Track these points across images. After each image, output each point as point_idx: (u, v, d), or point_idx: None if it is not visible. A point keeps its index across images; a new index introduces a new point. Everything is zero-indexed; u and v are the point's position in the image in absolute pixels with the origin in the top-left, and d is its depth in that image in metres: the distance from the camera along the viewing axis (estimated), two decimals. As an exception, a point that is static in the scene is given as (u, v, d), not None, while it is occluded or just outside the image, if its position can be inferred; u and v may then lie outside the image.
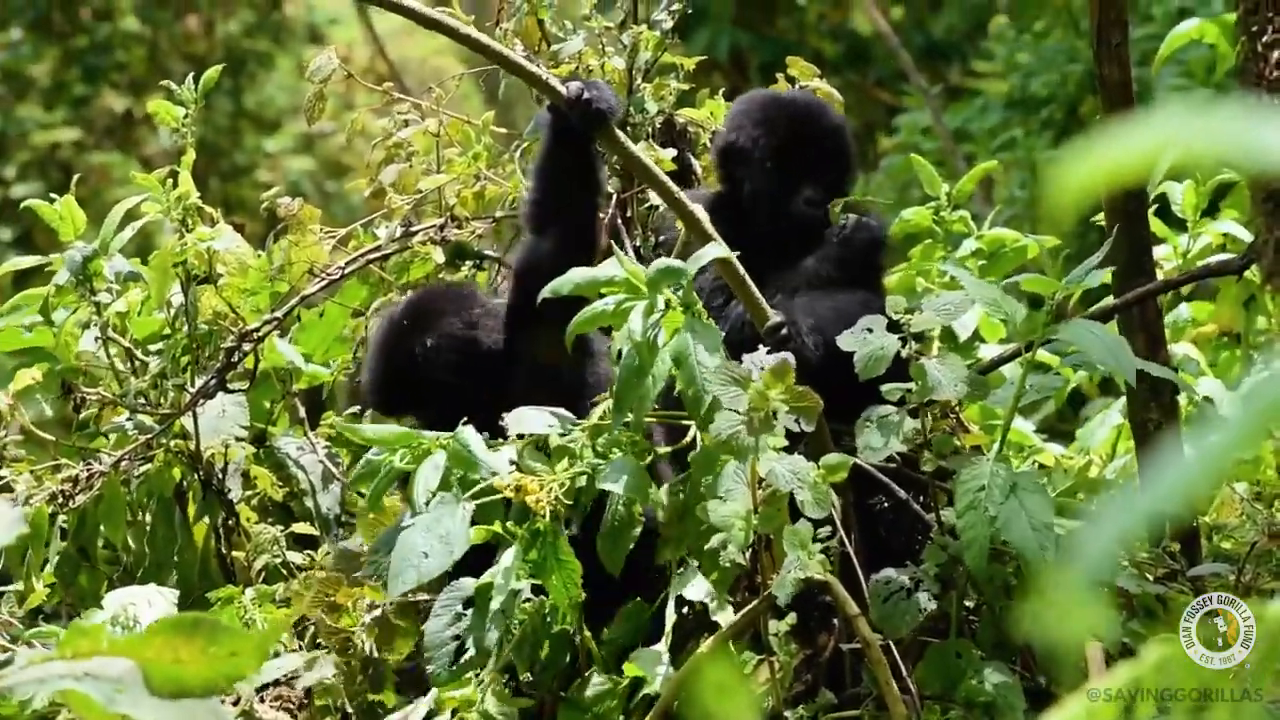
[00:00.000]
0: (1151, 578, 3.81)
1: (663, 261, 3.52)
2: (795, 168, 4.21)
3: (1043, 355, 3.99)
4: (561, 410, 3.69)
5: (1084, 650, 3.45)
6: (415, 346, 4.08)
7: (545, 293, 3.55)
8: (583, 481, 3.52)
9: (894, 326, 3.64)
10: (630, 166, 4.14)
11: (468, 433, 3.57)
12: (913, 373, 3.61)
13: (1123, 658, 3.40)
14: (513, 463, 3.55)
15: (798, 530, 3.42)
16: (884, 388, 3.62)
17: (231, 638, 1.91)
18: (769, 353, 3.53)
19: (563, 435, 3.59)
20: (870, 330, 3.64)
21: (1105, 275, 3.86)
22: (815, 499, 3.39)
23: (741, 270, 3.73)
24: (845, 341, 3.63)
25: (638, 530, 3.53)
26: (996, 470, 3.50)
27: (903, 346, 3.61)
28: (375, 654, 3.89)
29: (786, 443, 3.42)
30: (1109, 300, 4.08)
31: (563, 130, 4.00)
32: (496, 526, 3.48)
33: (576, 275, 3.56)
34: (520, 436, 3.62)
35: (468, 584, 3.51)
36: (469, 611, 3.50)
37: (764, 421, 3.35)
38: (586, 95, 3.91)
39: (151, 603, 3.88)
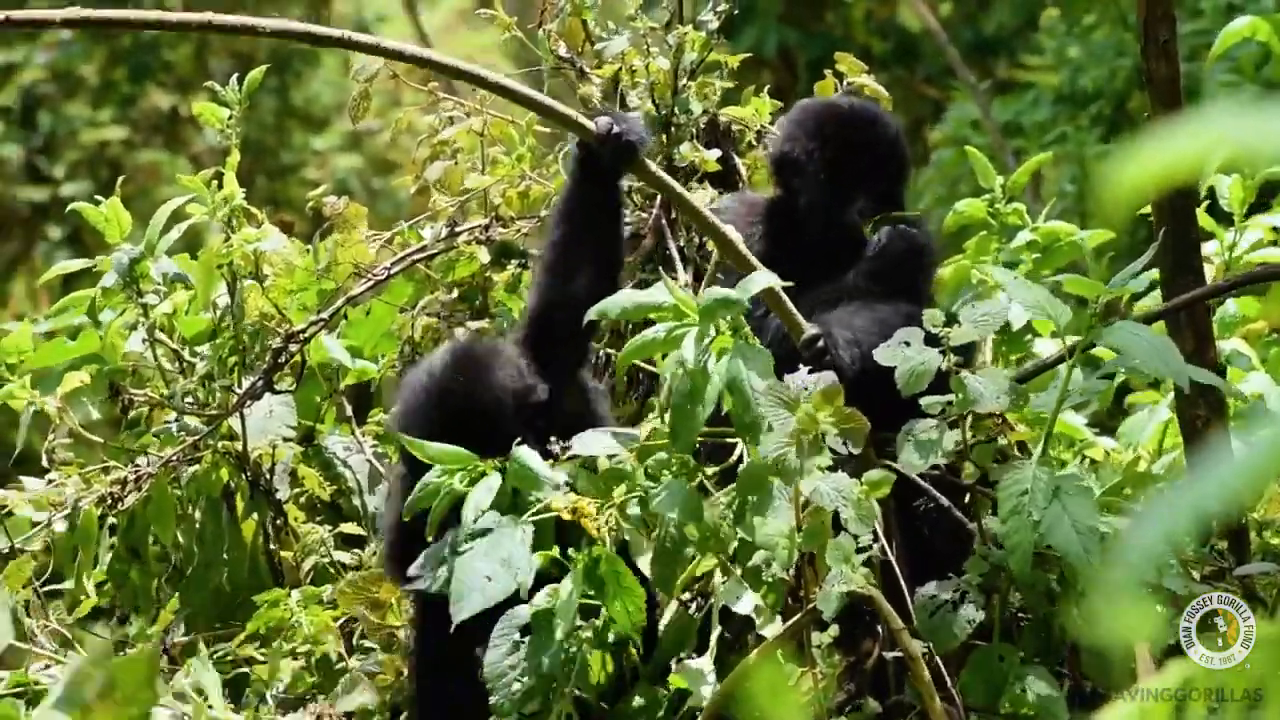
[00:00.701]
0: (1199, 576, 3.79)
1: (716, 291, 3.50)
2: (848, 179, 4.19)
3: (1097, 351, 3.97)
4: (625, 430, 3.68)
5: (1133, 651, 3.44)
6: (484, 396, 3.90)
7: (592, 314, 3.54)
8: (635, 506, 3.51)
9: (935, 338, 3.64)
10: (664, 194, 4.13)
11: (525, 452, 3.55)
12: (953, 385, 3.60)
13: (1170, 657, 3.39)
14: (567, 484, 3.54)
15: (841, 544, 3.41)
16: (924, 401, 3.61)
17: (123, 676, 1.90)
18: (808, 367, 3.54)
19: (610, 458, 3.57)
20: (908, 344, 3.63)
21: (1153, 273, 3.85)
22: (859, 516, 3.39)
23: (778, 287, 3.71)
24: (883, 356, 3.62)
25: (690, 551, 3.51)
26: (1039, 474, 3.49)
27: (943, 360, 3.60)
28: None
29: (831, 461, 3.42)
30: (1157, 296, 4.05)
31: (591, 166, 3.93)
32: (554, 552, 3.47)
33: (623, 299, 3.56)
34: (572, 459, 3.61)
35: (524, 612, 3.48)
36: (527, 640, 3.48)
37: (813, 444, 3.34)
38: (616, 129, 3.85)
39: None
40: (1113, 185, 1.41)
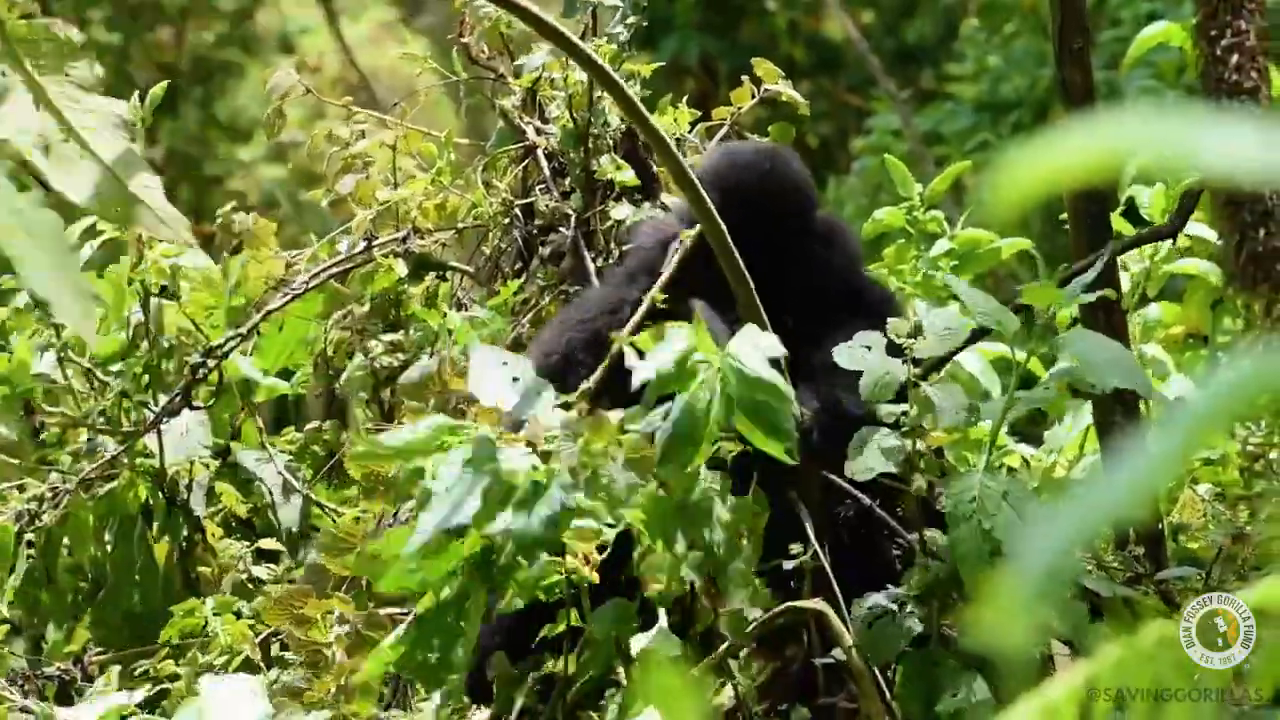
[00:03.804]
0: (1118, 582, 3.80)
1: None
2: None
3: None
4: None
5: (1034, 653, 3.44)
6: None
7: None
8: None
9: (894, 349, 3.59)
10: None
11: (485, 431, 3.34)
12: (911, 398, 3.54)
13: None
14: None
15: (741, 569, 3.35)
16: (884, 410, 3.56)
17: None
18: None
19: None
20: (869, 348, 3.56)
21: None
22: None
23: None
24: (845, 359, 3.55)
25: None
26: (987, 482, 3.48)
27: (908, 373, 3.54)
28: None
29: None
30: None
31: None
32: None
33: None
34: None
35: None
36: None
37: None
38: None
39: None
40: (1004, 185, 1.41)
